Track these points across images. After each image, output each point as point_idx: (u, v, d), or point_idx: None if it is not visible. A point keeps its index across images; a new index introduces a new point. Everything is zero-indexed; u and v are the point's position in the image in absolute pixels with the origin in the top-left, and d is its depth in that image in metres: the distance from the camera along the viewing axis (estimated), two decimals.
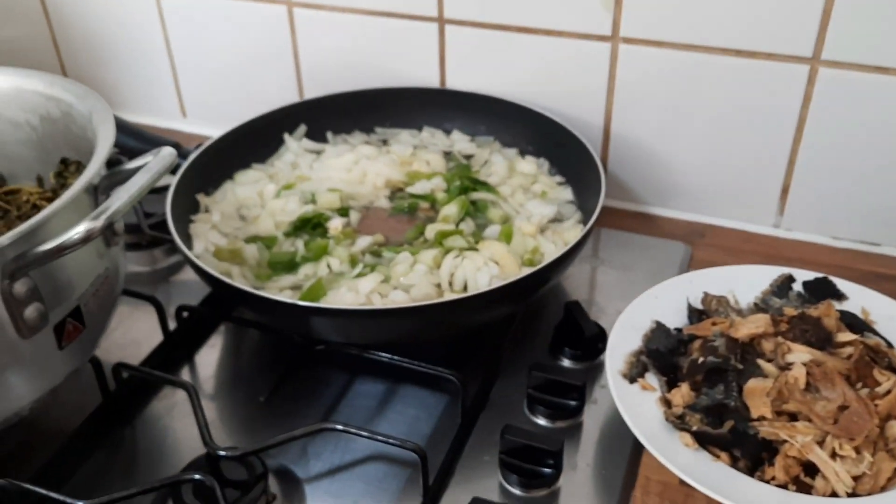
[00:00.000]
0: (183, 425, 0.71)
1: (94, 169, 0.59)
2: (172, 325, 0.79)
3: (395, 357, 0.71)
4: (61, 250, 0.52)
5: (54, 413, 0.72)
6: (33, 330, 0.56)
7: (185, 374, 0.78)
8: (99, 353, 0.71)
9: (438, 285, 0.74)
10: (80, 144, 0.71)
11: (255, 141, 0.94)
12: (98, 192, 0.63)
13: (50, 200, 0.72)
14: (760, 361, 0.63)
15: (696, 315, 0.72)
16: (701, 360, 0.63)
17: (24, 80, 0.74)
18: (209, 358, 0.80)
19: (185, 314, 0.79)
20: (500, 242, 0.78)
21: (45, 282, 0.56)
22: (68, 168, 0.74)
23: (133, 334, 0.81)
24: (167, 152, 0.58)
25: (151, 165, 0.56)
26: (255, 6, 1.04)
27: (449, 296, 0.73)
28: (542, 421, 0.69)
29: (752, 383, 0.61)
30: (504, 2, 0.91)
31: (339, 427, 0.64)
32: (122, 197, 0.54)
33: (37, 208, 0.71)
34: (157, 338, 0.79)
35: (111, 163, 1.02)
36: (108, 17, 1.14)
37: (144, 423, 0.72)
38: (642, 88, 0.91)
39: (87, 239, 0.52)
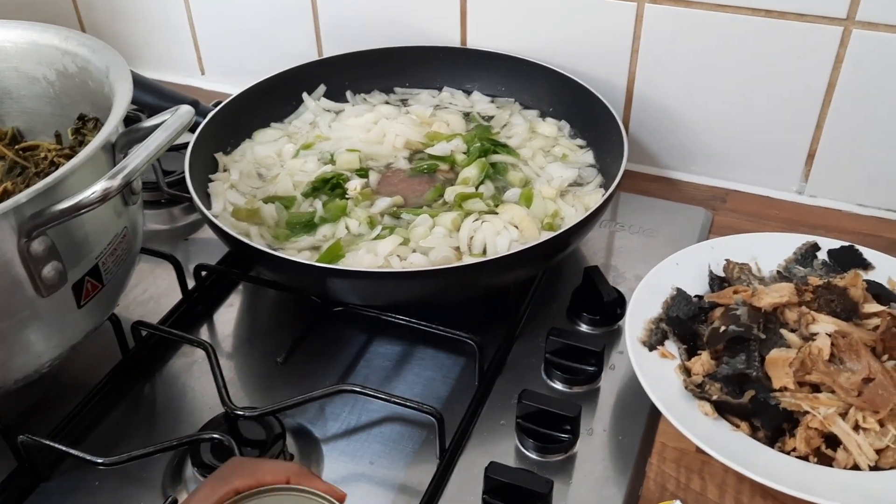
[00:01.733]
0: (201, 384, 0.72)
1: (112, 126, 0.59)
2: (191, 283, 0.79)
3: (413, 320, 0.71)
4: (78, 209, 0.51)
5: (74, 370, 0.73)
6: (52, 288, 0.56)
7: (203, 333, 0.78)
8: (118, 311, 0.71)
9: (458, 248, 0.74)
10: (98, 100, 0.70)
11: (273, 99, 0.93)
12: (116, 150, 0.62)
13: (68, 157, 0.72)
14: (783, 331, 0.62)
15: (717, 282, 0.71)
16: (722, 328, 0.62)
17: (40, 35, 0.73)
18: (227, 317, 0.80)
19: (204, 273, 0.79)
20: (519, 206, 0.77)
21: (63, 240, 0.56)
22: (86, 125, 0.73)
23: (152, 292, 0.82)
24: (185, 110, 0.57)
25: (169, 123, 0.56)
26: None
27: (468, 259, 0.72)
28: (559, 386, 0.69)
29: (775, 353, 0.60)
30: None
31: (357, 389, 0.64)
32: (139, 155, 0.53)
33: (55, 165, 0.71)
34: (175, 296, 0.79)
35: (129, 119, 1.02)
36: None
37: (163, 380, 0.73)
38: (667, 50, 0.88)
39: (104, 198, 0.51)
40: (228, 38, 1.12)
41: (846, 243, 0.74)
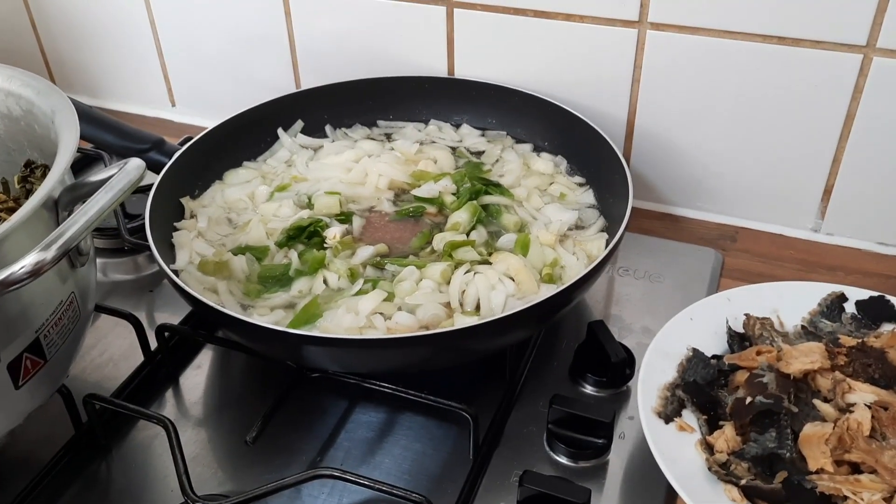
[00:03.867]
0: (163, 462, 0.64)
1: (53, 181, 0.51)
2: (154, 343, 0.72)
3: (399, 388, 0.63)
4: (5, 286, 0.44)
5: (21, 444, 0.65)
6: None
7: (168, 401, 0.70)
8: (71, 376, 0.64)
9: (448, 304, 0.67)
10: (45, 146, 0.63)
11: (246, 137, 0.86)
12: (59, 207, 0.55)
13: (11, 211, 0.64)
14: (817, 402, 0.55)
15: (737, 340, 0.64)
16: (748, 399, 0.55)
17: None
18: (194, 381, 0.72)
19: (167, 334, 0.71)
20: (515, 255, 0.70)
21: None
22: (34, 172, 0.66)
23: (111, 353, 0.74)
24: (133, 165, 0.50)
25: (114, 182, 0.48)
26: None
27: (459, 317, 0.65)
28: (563, 460, 0.62)
29: (809, 429, 0.53)
30: None
31: (336, 473, 0.56)
32: (77, 221, 0.46)
33: None
34: (137, 358, 0.72)
35: (84, 162, 0.94)
36: None
37: (121, 458, 0.65)
38: (671, 79, 0.82)
39: (36, 273, 0.44)
40: (200, 69, 1.05)
41: (875, 293, 0.67)
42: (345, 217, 0.77)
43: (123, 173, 0.49)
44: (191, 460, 0.62)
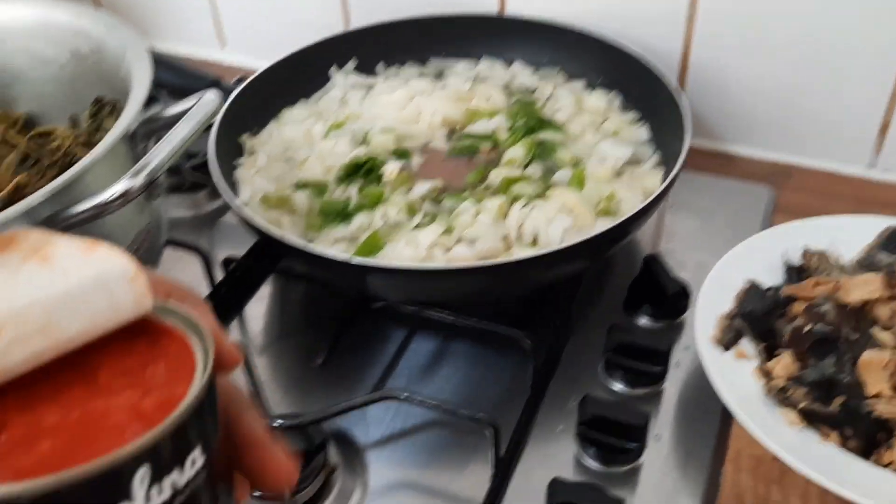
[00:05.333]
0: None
1: (130, 116, 0.53)
2: (219, 276, 0.74)
3: (460, 316, 0.65)
4: (98, 211, 0.46)
5: None
6: None
7: (233, 330, 0.73)
8: None
9: (505, 237, 0.68)
10: (114, 82, 0.65)
11: (299, 75, 0.87)
12: (136, 140, 0.57)
13: (84, 146, 0.66)
14: (875, 330, 0.56)
15: (794, 273, 0.64)
16: (807, 328, 0.56)
17: (50, 12, 0.68)
18: (258, 311, 0.75)
19: (232, 266, 0.73)
20: (571, 189, 0.71)
21: None
22: (103, 109, 0.68)
23: None
24: (210, 97, 0.51)
25: (194, 113, 0.50)
26: None
27: (517, 249, 0.66)
28: (619, 387, 0.64)
29: (868, 355, 0.54)
30: None
31: (405, 395, 0.59)
32: (163, 150, 0.48)
33: (69, 156, 0.65)
34: (203, 290, 0.74)
35: (147, 100, 0.96)
36: None
37: None
38: (727, 12, 0.81)
39: (126, 199, 0.46)
40: (250, 8, 1.05)
41: None
42: (400, 154, 0.78)
43: (201, 105, 0.50)
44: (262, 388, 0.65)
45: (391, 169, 0.75)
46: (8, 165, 0.64)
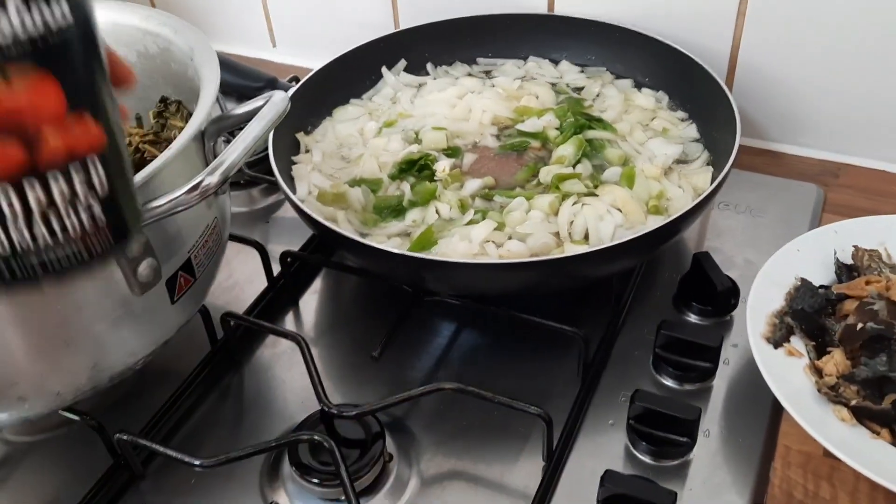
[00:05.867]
0: (291, 375, 0.69)
1: (203, 115, 0.56)
2: (276, 269, 0.77)
3: (513, 310, 0.67)
4: (176, 206, 0.49)
5: (160, 360, 0.71)
6: (146, 286, 0.54)
7: (289, 321, 0.76)
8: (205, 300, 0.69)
9: (556, 233, 0.69)
10: (180, 82, 0.67)
11: (351, 75, 0.89)
12: (205, 138, 0.59)
13: (152, 143, 0.69)
14: None
15: (845, 271, 0.65)
16: (860, 325, 0.57)
17: (119, 14, 0.70)
18: (312, 303, 0.77)
19: (289, 260, 0.76)
20: (621, 187, 0.72)
21: (157, 236, 0.54)
22: (168, 108, 0.71)
23: (237, 277, 0.79)
24: (279, 97, 0.53)
25: (265, 113, 0.52)
26: None
27: (568, 246, 0.68)
28: (669, 382, 0.65)
29: None
30: None
31: (460, 387, 0.60)
32: (237, 149, 0.50)
33: (140, 152, 0.68)
34: (260, 281, 0.77)
35: None
36: None
37: (251, 371, 0.71)
38: (776, 10, 0.81)
39: (203, 194, 0.48)
40: (300, 9, 1.08)
41: None
42: (452, 151, 0.80)
43: (272, 105, 0.52)
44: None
45: (443, 166, 0.77)
46: None
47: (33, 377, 0.54)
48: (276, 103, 0.53)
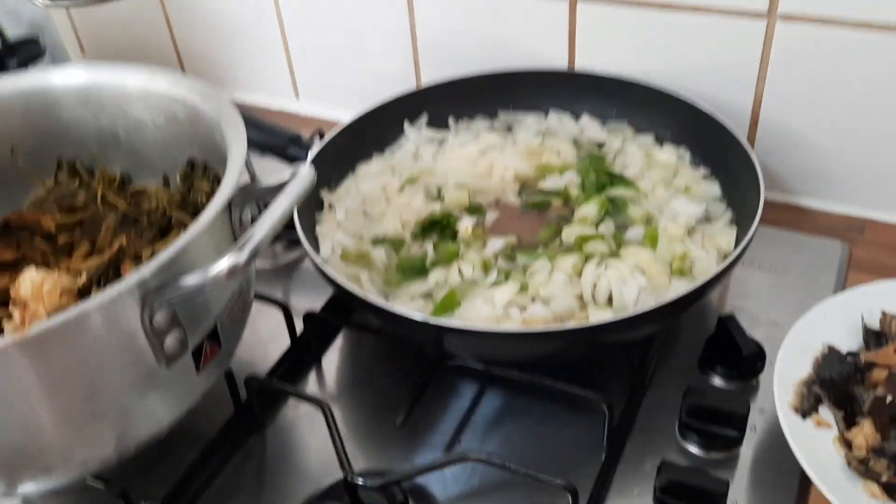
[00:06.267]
0: (314, 437, 0.69)
1: (230, 187, 0.56)
2: (299, 326, 0.77)
3: (536, 375, 0.67)
4: (205, 285, 0.49)
5: (183, 422, 0.71)
6: (174, 358, 0.54)
7: (311, 381, 0.76)
8: None
9: (580, 295, 0.69)
10: (207, 145, 0.68)
11: (374, 130, 0.90)
12: (232, 207, 0.60)
13: (180, 207, 0.70)
14: None
15: (873, 338, 0.64)
16: (889, 398, 0.56)
17: (149, 80, 0.71)
18: (333, 363, 0.77)
19: (313, 320, 0.76)
20: (644, 248, 0.72)
21: (183, 307, 0.54)
22: (195, 170, 0.72)
23: (260, 336, 0.80)
24: (305, 173, 0.54)
25: (291, 189, 0.53)
26: None
27: (592, 310, 0.67)
28: (695, 450, 0.64)
29: None
30: None
31: (484, 458, 0.60)
32: (264, 226, 0.50)
33: (166, 217, 0.69)
34: (283, 337, 0.77)
35: None
36: None
37: (275, 434, 0.71)
38: (799, 70, 0.81)
39: (231, 274, 0.49)
40: (323, 61, 1.09)
41: None
42: (474, 209, 0.80)
43: (298, 180, 0.53)
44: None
45: (465, 225, 0.77)
46: (108, 227, 0.68)
47: (60, 448, 0.54)
48: (301, 179, 0.53)
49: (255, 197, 0.60)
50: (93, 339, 0.50)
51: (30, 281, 0.56)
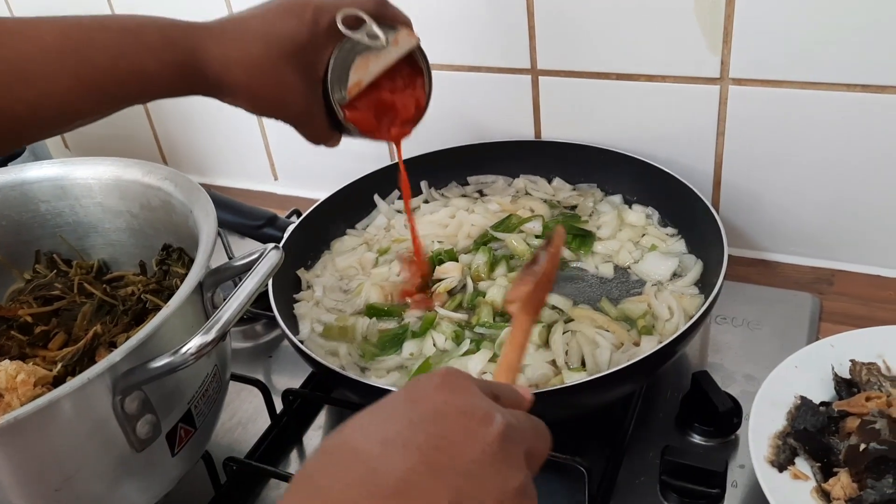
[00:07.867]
0: None
1: (199, 270, 0.57)
2: (279, 405, 0.77)
3: None
4: (174, 367, 0.50)
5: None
6: (146, 443, 0.54)
7: (293, 460, 0.75)
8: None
9: (553, 362, 0.70)
10: (181, 231, 0.70)
11: (348, 206, 0.92)
12: (203, 290, 0.61)
13: (154, 292, 0.71)
14: None
15: (844, 387, 0.65)
16: (862, 446, 0.57)
17: (124, 170, 0.74)
18: (315, 440, 0.77)
19: (291, 398, 0.76)
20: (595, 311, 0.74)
21: (156, 392, 0.55)
22: (171, 255, 0.73)
23: (239, 417, 0.80)
24: (273, 253, 0.55)
25: (259, 269, 0.54)
26: None
27: (567, 374, 0.68)
28: None
29: None
30: (601, 50, 0.86)
31: None
32: (232, 305, 0.51)
33: (142, 302, 0.70)
34: (262, 418, 0.77)
35: None
36: None
37: None
38: (756, 130, 0.84)
39: (199, 354, 0.49)
40: (300, 146, 1.11)
41: None
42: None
43: (266, 260, 0.54)
44: None
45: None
46: (84, 315, 0.69)
47: None
48: (269, 259, 0.55)
49: (226, 278, 0.61)
50: (64, 426, 0.50)
51: (4, 372, 0.57)
